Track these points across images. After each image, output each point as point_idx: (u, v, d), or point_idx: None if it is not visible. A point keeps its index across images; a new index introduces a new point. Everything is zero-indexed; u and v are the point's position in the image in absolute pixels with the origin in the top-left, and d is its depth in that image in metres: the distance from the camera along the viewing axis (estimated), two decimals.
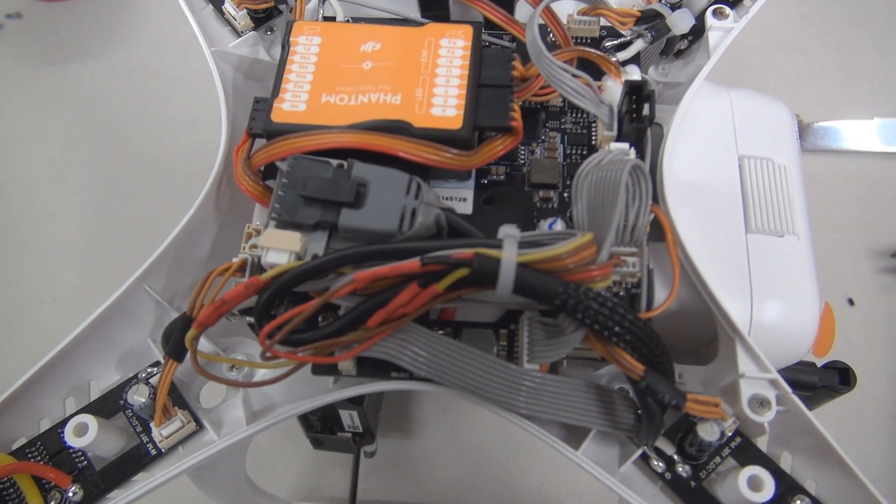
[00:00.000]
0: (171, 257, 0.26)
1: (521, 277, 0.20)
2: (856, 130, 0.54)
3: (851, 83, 0.56)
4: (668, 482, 0.23)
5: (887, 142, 0.54)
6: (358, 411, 0.38)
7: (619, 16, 0.28)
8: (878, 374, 0.46)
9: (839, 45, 0.57)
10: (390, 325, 0.22)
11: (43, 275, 0.51)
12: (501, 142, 0.25)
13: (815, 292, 0.26)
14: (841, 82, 0.56)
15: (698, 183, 0.26)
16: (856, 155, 0.53)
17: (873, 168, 0.53)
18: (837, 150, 0.53)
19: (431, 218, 0.23)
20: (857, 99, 0.55)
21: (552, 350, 0.22)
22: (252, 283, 0.21)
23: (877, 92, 0.55)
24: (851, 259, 0.50)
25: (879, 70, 0.56)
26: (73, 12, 0.63)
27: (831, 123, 0.54)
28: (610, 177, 0.22)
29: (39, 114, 0.58)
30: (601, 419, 0.23)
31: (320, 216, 0.22)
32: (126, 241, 0.52)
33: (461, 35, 0.25)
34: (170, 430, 0.24)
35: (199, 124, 0.57)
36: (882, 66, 0.56)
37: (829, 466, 0.23)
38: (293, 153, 0.23)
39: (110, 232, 0.53)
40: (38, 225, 0.53)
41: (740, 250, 0.26)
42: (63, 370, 0.25)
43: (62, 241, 0.53)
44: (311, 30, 0.26)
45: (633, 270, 0.23)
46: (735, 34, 0.28)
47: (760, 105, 0.29)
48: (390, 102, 0.24)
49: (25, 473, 0.23)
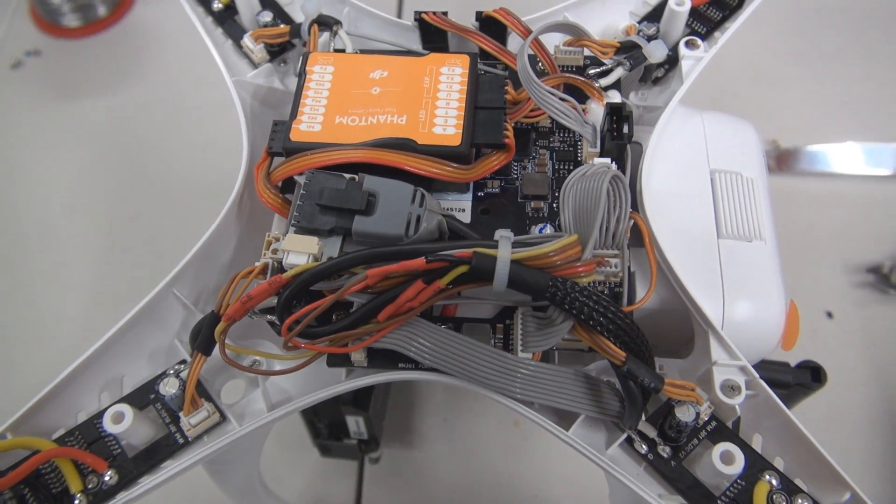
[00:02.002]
0: (197, 264, 0.29)
1: (515, 273, 0.23)
2: (841, 154, 0.57)
3: (823, 111, 0.59)
4: (650, 462, 0.26)
5: (873, 164, 0.57)
6: (364, 417, 0.40)
7: (600, 46, 0.31)
8: (855, 382, 0.48)
9: (811, 77, 0.61)
10: (398, 319, 0.24)
11: (60, 295, 0.54)
12: (496, 157, 0.28)
13: (781, 291, 0.28)
14: (814, 110, 0.59)
15: (674, 194, 0.29)
16: (836, 177, 0.57)
17: (851, 190, 0.56)
18: (822, 173, 0.57)
19: (434, 223, 0.25)
20: (829, 125, 0.58)
21: (544, 340, 0.24)
22: (275, 280, 0.24)
23: (847, 119, 0.59)
24: (830, 275, 0.52)
25: (849, 98, 0.59)
26: (88, 49, 0.66)
27: (819, 147, 0.57)
28: (593, 186, 0.25)
29: (57, 145, 0.61)
30: (589, 405, 0.25)
31: (335, 223, 0.25)
32: (138, 263, 0.55)
33: (459, 64, 0.29)
34: (197, 419, 0.26)
35: (210, 153, 0.60)
36: (851, 95, 0.60)
37: (796, 446, 0.25)
38: (310, 168, 0.26)
39: (123, 254, 0.56)
40: (56, 248, 0.56)
41: (713, 254, 0.28)
42: (97, 368, 0.27)
43: (78, 263, 0.55)
44: (325, 60, 0.29)
45: (616, 270, 0.26)
46: (705, 62, 0.31)
47: (729, 125, 0.32)
48: (396, 122, 0.27)
49: (66, 458, 0.25)
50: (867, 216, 0.54)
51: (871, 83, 0.60)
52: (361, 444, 0.42)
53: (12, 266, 0.55)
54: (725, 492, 0.25)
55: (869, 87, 0.60)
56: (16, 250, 0.56)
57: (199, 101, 0.63)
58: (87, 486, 0.25)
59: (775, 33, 0.63)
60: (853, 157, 0.57)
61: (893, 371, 0.49)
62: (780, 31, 0.63)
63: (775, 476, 0.25)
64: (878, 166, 0.57)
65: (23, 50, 0.66)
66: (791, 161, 0.57)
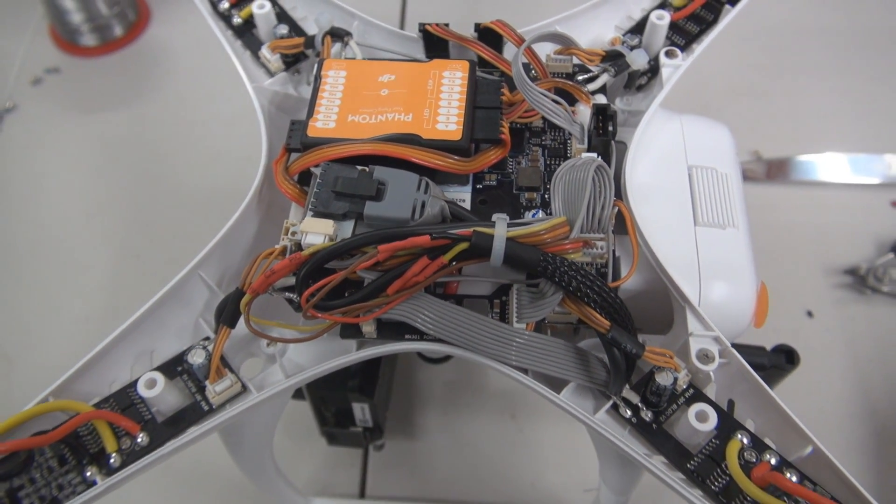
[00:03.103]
0: (221, 249, 0.31)
1: (510, 249, 0.26)
2: (823, 164, 0.60)
3: (803, 123, 0.62)
4: (634, 426, 0.28)
5: (851, 174, 0.60)
6: (369, 404, 0.42)
7: (587, 54, 0.34)
8: (834, 377, 0.51)
9: (792, 92, 0.64)
10: (405, 293, 0.27)
11: (77, 296, 0.56)
12: (494, 152, 0.31)
13: (752, 274, 0.31)
14: (794, 123, 0.62)
15: (655, 186, 0.32)
16: (817, 186, 0.60)
17: (830, 198, 0.59)
18: (805, 182, 0.60)
19: (437, 209, 0.28)
20: (809, 137, 0.61)
21: (536, 311, 0.27)
22: (295, 257, 0.27)
23: (826, 131, 0.62)
24: (810, 276, 0.55)
25: (827, 112, 0.63)
26: (105, 67, 0.70)
27: (803, 158, 0.60)
28: (580, 175, 0.28)
29: (75, 156, 0.64)
30: (579, 373, 0.28)
31: (348, 207, 0.28)
32: (152, 267, 0.58)
33: (460, 69, 0.32)
34: (221, 387, 0.28)
35: (219, 163, 0.63)
36: (829, 109, 0.63)
37: (765, 408, 0.28)
38: (325, 160, 0.29)
39: (138, 259, 0.58)
40: (74, 253, 0.59)
41: (690, 240, 0.31)
42: (129, 342, 0.30)
43: (95, 266, 0.58)
44: (338, 65, 0.32)
45: (602, 252, 0.28)
46: (683, 70, 0.35)
47: (706, 127, 0.35)
48: (403, 120, 0.30)
49: (103, 420, 0.27)
50: (845, 222, 0.57)
51: (848, 98, 0.64)
52: (366, 432, 0.45)
53: (32, 268, 0.58)
54: (702, 449, 0.27)
55: (846, 101, 0.63)
56: (36, 253, 0.59)
57: (208, 115, 0.66)
58: (121, 446, 0.28)
59: (758, 51, 0.67)
60: (833, 167, 0.60)
61: (870, 366, 0.51)
62: (763, 50, 0.67)
63: (746, 435, 0.27)
64: (855, 176, 0.60)
65: (43, 67, 0.69)
66: (782, 170, 0.60)
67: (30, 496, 0.26)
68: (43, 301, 0.56)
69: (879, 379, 0.51)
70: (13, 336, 0.55)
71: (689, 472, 0.27)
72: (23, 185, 0.62)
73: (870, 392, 0.50)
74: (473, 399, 0.51)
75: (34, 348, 0.54)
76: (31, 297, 0.57)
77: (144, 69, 0.70)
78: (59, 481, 0.27)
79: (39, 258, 0.58)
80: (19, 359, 0.54)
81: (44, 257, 0.59)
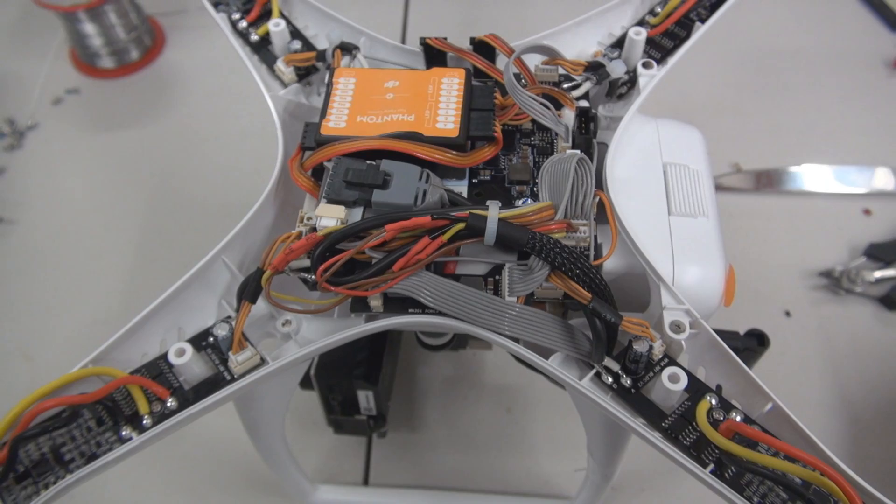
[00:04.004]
0: (242, 237, 0.35)
1: (502, 228, 0.29)
2: (801, 175, 0.64)
3: (779, 138, 0.66)
4: (615, 391, 0.31)
5: (825, 184, 0.64)
6: (374, 392, 0.45)
7: (572, 64, 0.38)
8: (811, 373, 0.54)
9: (768, 109, 0.68)
10: (409, 269, 0.30)
11: (95, 299, 0.59)
12: (487, 149, 0.34)
13: (721, 258, 0.34)
14: (771, 137, 0.66)
15: (633, 180, 0.35)
16: (794, 195, 0.63)
17: (808, 206, 0.63)
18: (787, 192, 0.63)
19: (437, 196, 0.32)
20: (785, 150, 0.65)
21: (526, 285, 0.30)
22: (311, 237, 0.30)
23: (800, 145, 0.66)
24: (788, 279, 0.59)
25: (802, 127, 0.67)
26: (122, 88, 0.73)
27: (795, 169, 0.64)
28: (564, 167, 0.32)
29: (93, 170, 0.68)
30: (565, 343, 0.31)
31: (358, 195, 0.31)
32: (165, 272, 0.60)
33: (457, 76, 0.35)
34: (243, 357, 0.32)
35: (230, 176, 0.66)
36: (803, 124, 0.67)
37: (732, 374, 0.31)
38: (337, 154, 0.33)
39: (152, 264, 0.62)
40: (91, 259, 0.62)
41: (665, 228, 0.34)
42: (158, 319, 0.33)
43: (111, 272, 0.61)
44: (348, 73, 0.36)
45: (584, 236, 0.32)
46: (658, 79, 0.38)
47: (679, 129, 0.38)
48: (406, 120, 0.34)
49: (137, 385, 0.30)
50: (819, 228, 0.61)
51: (820, 114, 0.68)
52: (370, 420, 0.47)
53: (52, 273, 0.61)
54: (675, 410, 0.30)
55: (818, 117, 0.68)
56: (55, 260, 0.62)
57: (219, 133, 0.70)
58: (153, 410, 0.31)
59: (737, 71, 0.71)
60: (812, 178, 0.64)
61: (845, 361, 0.54)
62: (742, 70, 0.71)
63: (714, 397, 0.30)
64: (830, 186, 0.64)
65: (63, 88, 0.73)
66: (769, 182, 0.64)
67: (71, 452, 0.29)
68: (62, 304, 0.59)
69: (853, 373, 0.54)
70: (34, 336, 0.58)
71: (664, 430, 0.30)
72: (44, 196, 0.66)
73: (844, 385, 0.53)
74: (471, 393, 0.54)
75: (53, 348, 0.57)
76: (51, 300, 0.60)
77: (158, 90, 0.74)
78: (97, 439, 0.30)
79: (59, 264, 0.62)
80: (39, 357, 0.57)
81: (63, 263, 0.62)
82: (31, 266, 0.62)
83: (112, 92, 0.73)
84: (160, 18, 0.77)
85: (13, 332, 0.58)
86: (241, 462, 0.52)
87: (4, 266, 0.62)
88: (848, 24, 0.75)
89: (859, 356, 0.55)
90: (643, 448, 0.46)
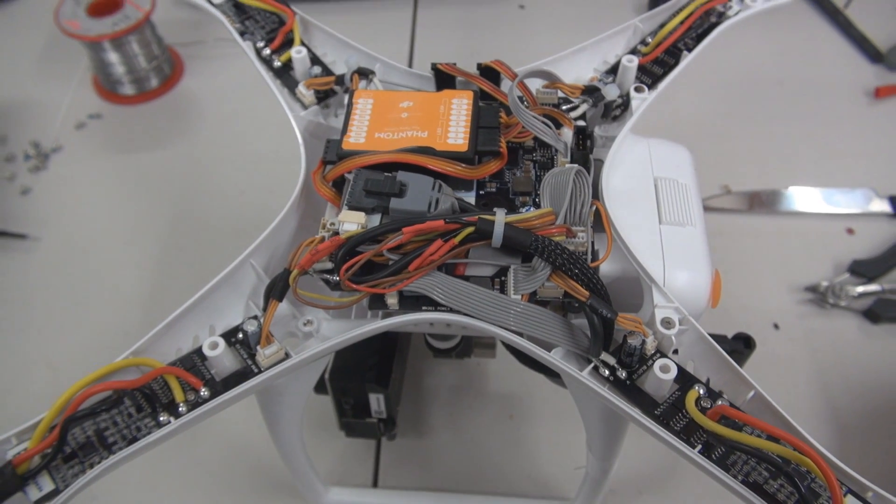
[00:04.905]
0: (268, 243, 0.38)
1: (507, 231, 0.32)
2: (789, 197, 0.67)
3: (765, 162, 0.70)
4: (612, 383, 0.34)
5: (812, 205, 0.67)
6: (384, 395, 0.48)
7: (570, 88, 0.41)
8: (798, 382, 0.57)
9: (756, 134, 0.72)
10: (423, 269, 0.33)
11: (117, 313, 0.62)
12: (494, 163, 0.38)
13: (708, 264, 0.37)
14: (758, 161, 0.70)
15: (627, 192, 0.39)
16: (785, 215, 0.67)
17: (795, 225, 0.66)
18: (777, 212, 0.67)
19: (448, 204, 0.35)
20: (772, 173, 0.69)
21: (529, 284, 0.33)
22: (335, 240, 0.33)
23: (787, 168, 0.69)
24: (776, 293, 0.61)
25: (788, 152, 0.70)
26: (142, 114, 0.77)
27: (790, 190, 0.67)
28: (563, 179, 0.35)
29: (114, 191, 0.71)
30: (565, 339, 0.34)
31: (377, 203, 0.35)
32: (184, 286, 0.63)
33: (465, 97, 0.39)
34: (270, 350, 0.34)
35: (246, 196, 0.70)
36: (789, 149, 0.71)
37: (719, 367, 0.34)
38: (357, 167, 0.36)
39: (172, 280, 0.64)
40: (113, 274, 0.65)
41: (656, 235, 0.37)
42: (192, 317, 0.36)
43: (133, 286, 0.64)
44: (367, 94, 0.39)
45: (582, 241, 0.35)
46: (649, 102, 0.42)
47: (669, 147, 0.42)
48: (420, 136, 0.37)
49: (173, 375, 0.33)
50: (806, 246, 0.64)
51: (805, 140, 0.71)
52: (380, 423, 0.50)
53: (75, 287, 0.64)
54: (666, 399, 0.33)
55: (803, 142, 0.71)
56: (78, 275, 0.65)
57: (233, 156, 0.73)
58: (187, 398, 0.33)
59: (726, 98, 0.75)
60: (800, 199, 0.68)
61: (830, 371, 0.57)
62: (730, 97, 0.75)
63: (702, 387, 0.33)
64: (814, 207, 0.67)
65: (86, 113, 0.77)
66: (761, 202, 0.67)
67: (113, 435, 0.32)
68: (84, 315, 0.62)
69: (839, 382, 0.57)
70: (58, 347, 0.60)
71: (657, 417, 0.33)
72: (67, 215, 0.69)
73: (830, 394, 0.56)
74: (475, 401, 0.57)
75: (77, 358, 0.59)
76: (74, 313, 0.62)
77: (176, 116, 0.77)
78: (137, 424, 0.32)
79: (81, 279, 0.65)
80: (62, 366, 0.59)
81: (85, 278, 0.65)
82: (55, 280, 0.65)
83: (132, 117, 0.77)
84: (179, 48, 0.81)
85: (38, 342, 0.61)
86: (255, 465, 0.54)
87: (29, 280, 0.65)
88: (831, 55, 0.79)
89: (844, 366, 0.57)
90: (640, 452, 0.50)
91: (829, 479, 0.28)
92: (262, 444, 0.55)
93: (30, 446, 0.31)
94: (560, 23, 0.84)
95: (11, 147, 0.74)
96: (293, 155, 0.42)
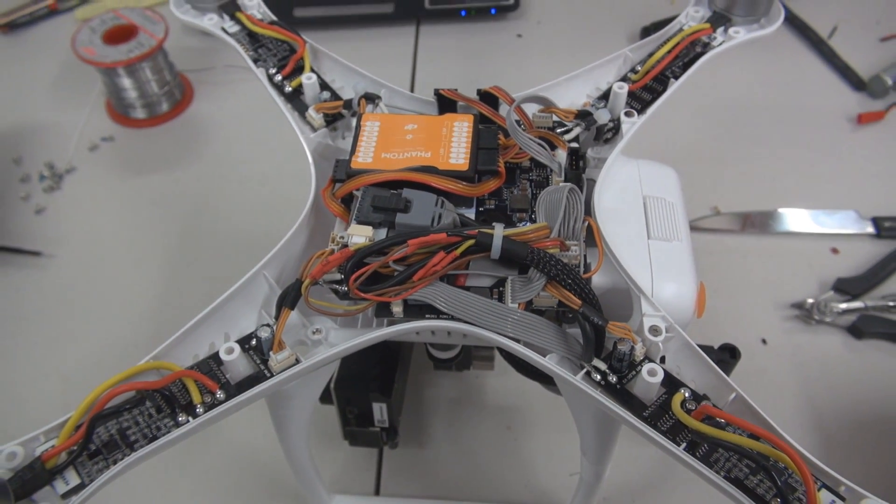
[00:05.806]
0: (280, 255, 0.40)
1: (505, 244, 0.35)
2: (792, 217, 0.70)
3: (754, 184, 0.73)
4: (603, 387, 0.36)
5: (798, 226, 0.70)
6: (387, 404, 0.50)
7: (564, 112, 0.44)
8: (784, 395, 0.59)
9: (743, 157, 0.75)
10: (427, 279, 0.35)
11: (127, 326, 0.64)
12: (492, 182, 0.40)
13: (693, 276, 0.40)
14: (746, 183, 0.73)
15: (617, 209, 0.41)
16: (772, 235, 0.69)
17: (782, 245, 0.69)
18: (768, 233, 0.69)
19: (450, 219, 0.37)
20: (760, 195, 0.72)
21: (526, 293, 0.36)
22: (345, 251, 0.36)
23: (773, 190, 0.72)
24: (763, 310, 0.64)
25: (777, 175, 0.73)
26: (153, 137, 0.80)
27: (780, 211, 0.70)
28: (557, 196, 0.38)
29: (126, 211, 0.73)
30: (559, 345, 0.36)
31: (384, 218, 0.37)
32: (192, 301, 0.66)
33: (466, 120, 0.42)
34: (282, 356, 0.36)
35: (253, 215, 0.72)
36: (777, 172, 0.73)
37: (703, 372, 0.36)
38: (365, 185, 0.39)
39: (180, 295, 0.67)
40: (124, 291, 0.67)
41: (644, 250, 0.40)
42: (208, 325, 0.38)
43: (142, 300, 0.66)
44: (373, 118, 0.42)
45: (575, 254, 0.37)
46: (638, 125, 0.45)
47: (657, 168, 0.44)
48: (424, 156, 0.40)
49: (191, 378, 0.35)
50: (792, 265, 0.67)
51: (790, 163, 0.74)
52: (383, 432, 0.52)
53: (88, 303, 0.66)
54: (654, 401, 0.35)
55: (789, 166, 0.74)
56: (91, 291, 0.67)
57: (240, 177, 0.76)
58: (204, 400, 0.35)
59: (714, 123, 0.78)
60: (783, 220, 0.70)
61: (816, 384, 0.59)
62: (718, 122, 0.78)
63: (687, 390, 0.35)
64: (800, 228, 0.70)
65: (99, 136, 0.79)
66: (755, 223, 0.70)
67: (135, 434, 0.34)
68: (96, 330, 0.64)
69: (824, 395, 0.59)
70: (71, 359, 0.62)
71: (645, 419, 0.35)
72: (80, 233, 0.71)
73: (815, 406, 0.58)
74: (474, 413, 0.59)
75: (88, 369, 0.61)
76: (86, 327, 0.65)
77: (186, 139, 0.80)
78: (157, 424, 0.35)
79: (93, 295, 0.67)
80: (74, 379, 0.61)
81: (97, 294, 0.67)
82: (68, 296, 0.67)
83: (143, 140, 0.80)
84: (190, 75, 0.85)
85: (51, 355, 0.63)
86: (262, 473, 0.56)
87: (43, 295, 0.67)
88: (816, 83, 0.82)
89: (829, 380, 0.59)
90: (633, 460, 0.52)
91: (804, 473, 0.31)
92: (267, 454, 0.57)
93: (57, 443, 0.33)
94: (555, 51, 0.87)
95: (27, 168, 0.77)
96: (297, 176, 0.44)
